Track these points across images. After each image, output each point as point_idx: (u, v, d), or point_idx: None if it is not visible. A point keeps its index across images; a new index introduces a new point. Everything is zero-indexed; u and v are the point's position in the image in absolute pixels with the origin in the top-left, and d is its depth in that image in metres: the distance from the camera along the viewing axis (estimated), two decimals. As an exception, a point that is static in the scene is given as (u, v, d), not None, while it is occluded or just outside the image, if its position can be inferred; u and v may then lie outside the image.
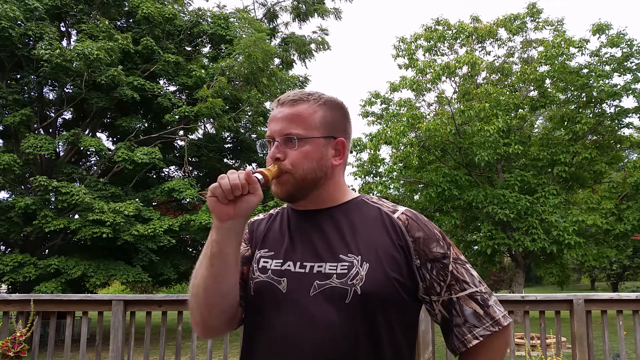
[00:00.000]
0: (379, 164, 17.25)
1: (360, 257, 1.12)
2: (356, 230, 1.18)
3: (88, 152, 16.28)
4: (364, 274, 1.09)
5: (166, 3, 16.95)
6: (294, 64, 20.61)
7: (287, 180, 1.16)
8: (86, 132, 15.97)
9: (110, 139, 18.42)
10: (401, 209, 1.23)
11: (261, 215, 1.35)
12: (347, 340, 1.06)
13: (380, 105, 18.11)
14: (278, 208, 1.35)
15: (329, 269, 1.11)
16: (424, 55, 17.86)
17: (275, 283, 1.13)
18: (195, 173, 18.60)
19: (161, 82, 17.30)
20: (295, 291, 1.11)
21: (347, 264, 1.11)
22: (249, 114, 17.64)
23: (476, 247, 17.96)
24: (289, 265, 1.15)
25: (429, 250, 1.15)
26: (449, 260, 1.16)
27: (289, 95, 1.21)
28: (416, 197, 18.82)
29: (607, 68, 15.91)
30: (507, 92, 16.75)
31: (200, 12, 17.95)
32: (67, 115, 17.54)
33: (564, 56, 15.92)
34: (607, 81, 15.56)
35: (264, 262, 1.19)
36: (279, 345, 1.09)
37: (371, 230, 1.18)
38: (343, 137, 1.24)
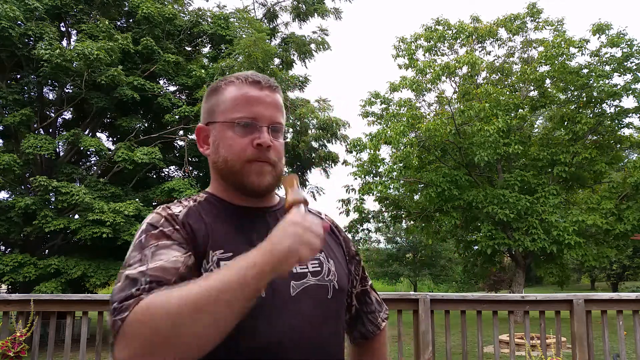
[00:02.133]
0: (379, 164, 17.25)
1: (323, 253, 1.13)
2: None
3: (88, 152, 16.28)
4: (334, 270, 1.13)
5: (166, 3, 16.95)
6: (294, 64, 20.60)
7: (270, 171, 1.08)
8: (86, 132, 15.97)
9: (110, 139, 18.42)
10: (322, 212, 1.31)
11: (177, 207, 1.09)
12: (335, 335, 1.10)
13: (380, 105, 18.12)
14: (185, 200, 1.13)
15: (300, 268, 1.08)
16: (424, 55, 17.87)
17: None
18: (195, 173, 18.59)
19: (161, 82, 17.30)
20: (274, 294, 1.02)
21: (317, 262, 1.11)
22: (249, 114, 17.61)
23: (476, 247, 17.98)
24: None
25: (350, 248, 1.27)
26: (359, 257, 1.31)
27: (267, 80, 1.13)
28: (416, 197, 18.83)
29: (607, 68, 15.91)
30: (507, 92, 16.75)
31: (200, 12, 17.95)
32: (67, 115, 17.54)
33: (564, 56, 15.92)
34: (607, 81, 15.56)
35: (225, 264, 1.00)
36: (274, 350, 1.00)
37: None
38: None
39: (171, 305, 0.77)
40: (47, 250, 15.51)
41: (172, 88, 17.87)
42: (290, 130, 17.67)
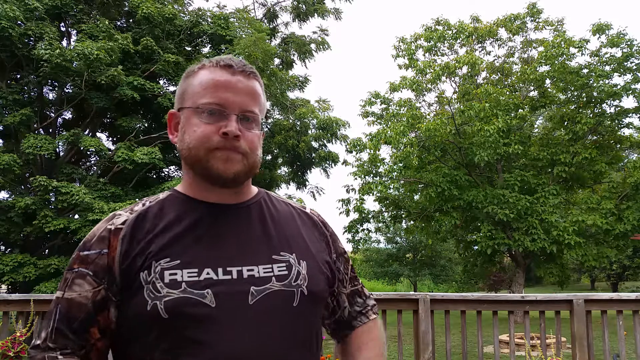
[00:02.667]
0: (379, 164, 17.25)
1: (294, 254, 1.03)
2: (280, 225, 1.08)
3: (88, 152, 16.28)
4: (305, 272, 1.02)
5: (166, 3, 16.94)
6: (294, 64, 20.60)
7: (239, 160, 1.00)
8: (86, 132, 15.97)
9: (110, 139, 18.42)
10: (306, 205, 1.25)
11: (124, 216, 1.02)
12: (302, 346, 0.99)
13: (380, 105, 18.11)
14: (146, 200, 1.08)
15: (265, 272, 0.98)
16: (424, 55, 17.86)
17: (198, 297, 0.91)
18: (195, 173, 18.56)
19: (161, 82, 17.30)
20: (228, 302, 0.93)
21: (284, 264, 1.01)
22: (249, 114, 17.59)
23: (476, 247, 17.96)
24: (208, 274, 0.94)
25: (337, 245, 1.19)
26: (347, 256, 1.23)
27: (242, 64, 1.05)
28: (416, 197, 18.82)
29: (607, 68, 15.91)
30: (507, 92, 16.74)
31: (200, 12, 17.94)
32: (67, 115, 17.54)
33: (564, 56, 15.91)
34: (607, 81, 15.56)
35: (171, 274, 0.93)
36: None
37: (294, 225, 1.11)
38: None
39: None
40: (47, 250, 15.50)
41: (172, 88, 17.85)
42: (290, 129, 17.66)
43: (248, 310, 0.93)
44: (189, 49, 18.26)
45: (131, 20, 16.95)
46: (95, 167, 16.82)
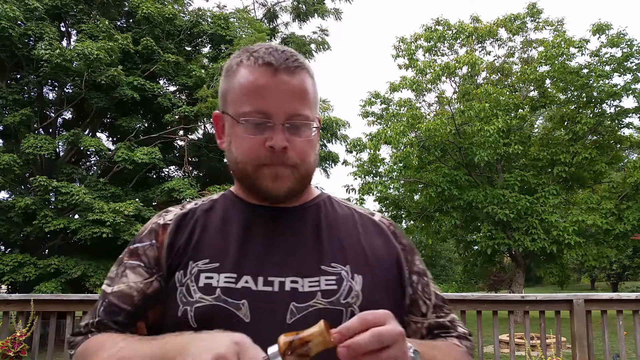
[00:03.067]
0: (379, 164, 17.26)
1: (348, 266, 0.89)
2: (335, 231, 0.95)
3: (88, 152, 16.28)
4: (358, 289, 0.87)
5: (166, 3, 16.94)
6: (294, 64, 20.57)
7: (289, 175, 0.90)
8: (86, 132, 15.97)
9: (110, 139, 18.41)
10: (376, 212, 1.06)
11: (173, 213, 0.99)
12: None
13: (380, 105, 18.12)
14: (202, 198, 1.04)
15: (310, 286, 0.85)
16: (424, 55, 17.87)
17: (232, 308, 0.82)
18: (195, 173, 18.58)
19: (161, 82, 17.29)
20: (264, 319, 0.82)
21: (333, 277, 0.87)
22: (249, 114, 17.60)
23: (476, 247, 17.97)
24: (247, 282, 0.85)
25: (413, 261, 0.99)
26: (429, 279, 1.01)
27: (284, 59, 0.90)
28: (416, 197, 18.83)
29: (607, 68, 15.92)
30: (507, 92, 16.75)
31: (200, 12, 17.93)
32: (67, 115, 17.54)
33: (564, 56, 15.92)
34: (607, 81, 15.57)
35: (207, 277, 0.85)
36: None
37: (353, 232, 0.97)
38: None
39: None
40: (47, 250, 15.50)
41: (172, 88, 17.86)
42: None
43: (285, 330, 0.75)
44: (189, 49, 18.26)
45: (131, 20, 16.95)
46: (95, 167, 16.82)
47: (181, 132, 16.60)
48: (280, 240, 0.91)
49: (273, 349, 0.67)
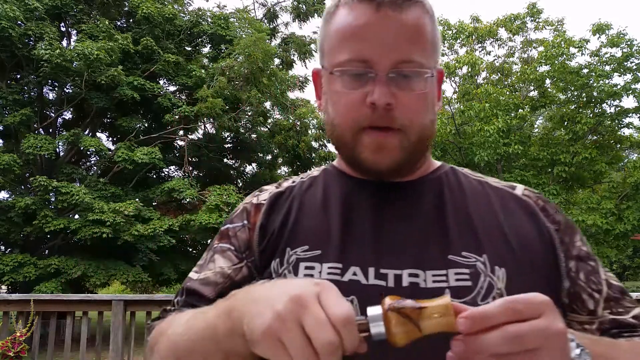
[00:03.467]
0: (379, 164, 17.26)
1: (485, 256, 0.70)
2: (466, 213, 0.75)
3: (88, 152, 16.28)
4: (501, 286, 0.68)
5: (166, 3, 16.94)
6: (294, 64, 20.60)
7: (395, 144, 0.72)
8: (86, 132, 15.97)
9: (110, 139, 18.42)
10: (518, 184, 0.84)
11: (268, 191, 0.85)
12: None
13: (380, 105, 18.12)
14: (302, 174, 0.88)
15: (435, 281, 0.68)
16: (424, 55, 17.86)
17: None
18: (195, 173, 18.58)
19: (161, 82, 17.30)
20: None
21: (466, 270, 0.68)
22: (249, 114, 17.64)
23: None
24: (355, 274, 0.69)
25: (572, 243, 0.75)
26: (597, 264, 0.75)
27: None
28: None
29: (607, 68, 15.92)
30: (507, 92, 16.75)
31: (200, 12, 17.94)
32: (67, 115, 17.55)
33: (564, 56, 15.92)
34: (607, 81, 15.57)
35: (308, 268, 0.72)
36: None
37: (489, 212, 0.76)
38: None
39: (171, 343, 0.69)
40: (47, 250, 15.50)
41: (172, 88, 17.87)
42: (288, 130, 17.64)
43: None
44: (189, 49, 18.27)
45: (131, 20, 16.95)
46: (95, 167, 16.82)
47: (181, 132, 16.61)
48: (394, 223, 0.74)
49: (374, 311, 0.52)
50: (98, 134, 17.67)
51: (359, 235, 0.73)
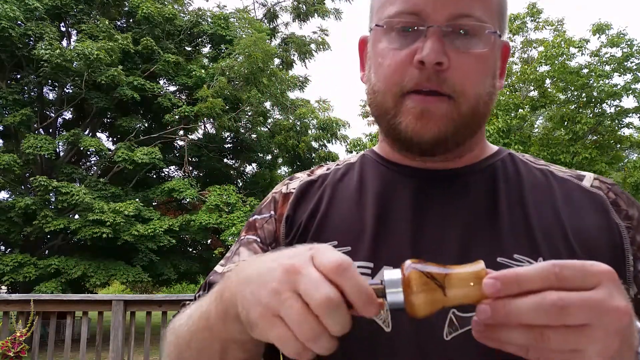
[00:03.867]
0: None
1: (541, 259, 0.61)
2: (523, 207, 0.66)
3: (88, 152, 16.29)
4: None
5: (166, 3, 16.95)
6: (294, 64, 20.60)
7: (441, 113, 0.62)
8: (86, 132, 15.97)
9: (110, 139, 18.43)
10: (587, 173, 0.73)
11: (299, 179, 0.78)
12: None
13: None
14: (339, 161, 0.80)
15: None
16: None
17: None
18: (195, 173, 18.58)
19: (161, 82, 17.30)
20: (410, 329, 0.58)
21: None
22: (249, 114, 17.64)
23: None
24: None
25: None
26: None
27: None
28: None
29: (607, 68, 15.92)
30: (507, 92, 16.75)
31: (200, 12, 17.95)
32: (67, 115, 17.55)
33: (564, 56, 15.93)
34: (607, 81, 15.57)
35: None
36: None
37: (551, 207, 0.66)
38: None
39: (175, 337, 0.64)
40: (47, 251, 15.50)
41: (172, 88, 17.88)
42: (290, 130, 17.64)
43: (440, 349, 0.57)
44: (189, 49, 18.27)
45: (131, 20, 16.96)
46: (95, 167, 16.83)
47: (181, 132, 16.61)
48: (436, 220, 0.65)
49: (393, 275, 0.44)
50: (98, 134, 17.68)
51: (395, 232, 0.65)
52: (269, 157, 19.59)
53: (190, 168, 18.05)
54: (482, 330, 0.43)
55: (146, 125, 17.38)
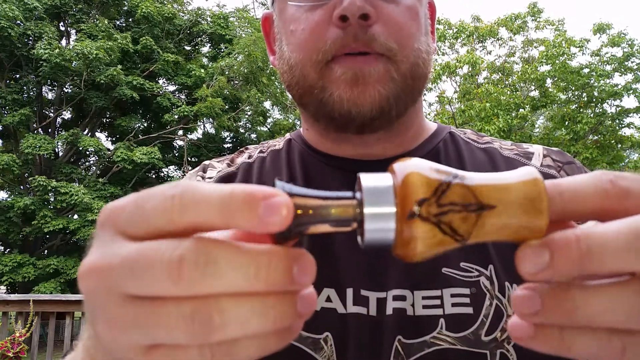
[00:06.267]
0: (379, 164, 17.25)
1: (492, 267, 0.50)
2: None
3: (87, 152, 16.25)
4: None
5: (165, 2, 16.93)
6: (293, 63, 20.61)
7: (381, 72, 0.51)
8: (85, 132, 15.94)
9: (110, 138, 18.39)
10: (535, 147, 0.63)
11: (217, 166, 0.65)
12: None
13: (381, 105, 18.12)
14: (258, 147, 0.68)
15: (426, 306, 0.48)
16: (424, 54, 17.87)
17: (307, 348, 0.48)
18: (195, 173, 18.56)
19: (160, 81, 17.28)
20: None
21: (466, 290, 0.49)
22: (249, 113, 17.62)
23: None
24: (329, 299, 0.50)
25: None
26: None
27: None
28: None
29: (608, 68, 15.93)
30: (508, 92, 16.75)
31: (199, 12, 17.93)
32: (66, 115, 17.51)
33: (565, 56, 15.92)
34: (608, 81, 15.58)
35: None
36: None
37: None
38: None
39: None
40: (46, 251, 15.47)
41: (171, 88, 17.85)
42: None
43: None
44: (189, 48, 18.25)
45: (130, 20, 16.93)
46: (94, 167, 16.79)
47: (180, 132, 16.57)
48: None
49: (376, 181, 0.26)
50: (97, 134, 17.64)
51: (332, 247, 0.52)
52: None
53: (190, 168, 18.01)
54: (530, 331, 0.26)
55: (145, 125, 17.35)
